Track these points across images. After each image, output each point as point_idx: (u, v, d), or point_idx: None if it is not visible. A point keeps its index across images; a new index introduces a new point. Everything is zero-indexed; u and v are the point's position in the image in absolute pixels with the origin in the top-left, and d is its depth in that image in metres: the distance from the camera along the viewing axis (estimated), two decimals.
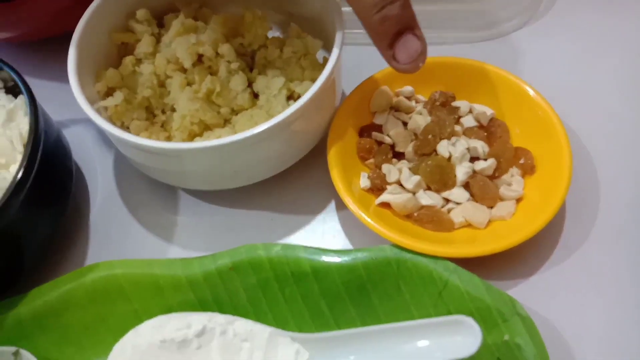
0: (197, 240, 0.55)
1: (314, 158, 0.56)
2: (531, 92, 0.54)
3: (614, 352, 0.46)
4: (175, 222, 0.57)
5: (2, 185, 0.48)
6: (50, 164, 0.52)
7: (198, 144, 0.46)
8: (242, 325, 0.46)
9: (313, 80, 0.50)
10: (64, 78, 0.51)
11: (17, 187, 0.46)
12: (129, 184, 0.60)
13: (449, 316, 0.40)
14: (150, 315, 0.47)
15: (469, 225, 0.50)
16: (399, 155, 0.54)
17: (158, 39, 0.57)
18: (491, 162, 0.51)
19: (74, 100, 0.50)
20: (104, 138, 0.63)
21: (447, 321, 0.40)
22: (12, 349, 0.46)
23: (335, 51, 0.49)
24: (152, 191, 0.59)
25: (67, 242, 0.56)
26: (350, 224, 0.54)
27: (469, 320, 0.39)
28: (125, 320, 0.48)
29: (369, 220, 0.48)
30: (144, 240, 0.56)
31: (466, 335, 0.39)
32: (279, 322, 0.47)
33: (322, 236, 0.54)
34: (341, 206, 0.55)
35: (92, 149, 0.63)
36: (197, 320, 0.46)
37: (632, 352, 0.45)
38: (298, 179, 0.57)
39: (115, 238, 0.56)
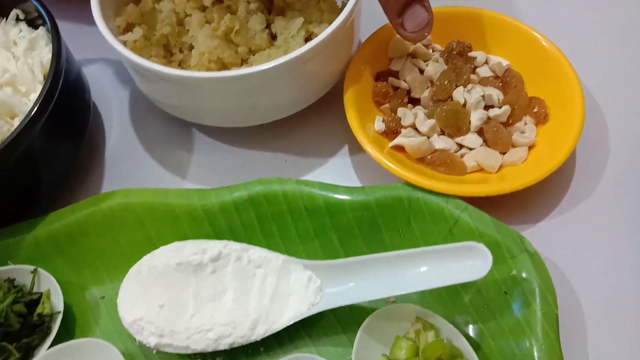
0: (211, 177, 0.56)
1: (329, 104, 0.57)
2: (546, 44, 0.54)
3: (616, 295, 0.47)
4: (190, 160, 0.58)
5: (23, 109, 0.49)
6: (69, 96, 0.52)
7: (218, 73, 0.47)
8: (256, 252, 0.47)
9: (331, 23, 0.50)
10: (81, 19, 0.51)
11: (36, 114, 0.47)
12: (144, 122, 0.61)
13: (459, 243, 0.41)
14: (165, 243, 0.48)
15: (480, 169, 0.51)
16: (414, 102, 0.55)
17: None
18: (505, 109, 0.51)
19: (90, 41, 0.50)
20: (120, 77, 0.64)
21: (458, 247, 0.41)
22: (31, 267, 0.48)
23: None
24: (167, 129, 0.59)
25: (83, 174, 0.57)
26: (362, 167, 0.55)
27: (480, 246, 0.40)
28: (140, 246, 0.49)
29: (383, 159, 0.48)
30: (158, 175, 0.57)
31: (476, 259, 0.40)
32: (291, 254, 0.48)
33: (334, 178, 0.55)
34: (354, 150, 0.56)
35: (109, 87, 0.63)
36: (213, 246, 0.47)
37: (634, 297, 0.47)
38: (312, 123, 0.58)
39: (130, 173, 0.57)
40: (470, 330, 0.45)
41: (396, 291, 0.42)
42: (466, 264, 0.40)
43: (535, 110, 0.52)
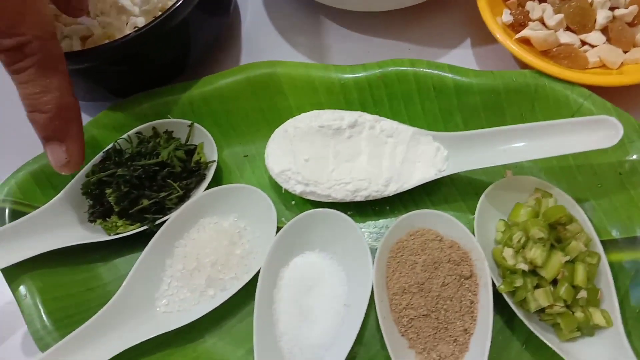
0: (337, 61, 0.61)
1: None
2: None
3: None
4: (317, 44, 0.62)
5: None
6: None
7: None
8: (387, 123, 0.52)
9: None
10: None
11: None
12: (274, 7, 0.65)
13: (589, 117, 0.45)
14: (304, 112, 0.53)
15: (602, 65, 0.53)
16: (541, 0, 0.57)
17: None
18: (632, 9, 0.53)
19: None
20: None
21: (587, 120, 0.45)
22: (188, 122, 0.54)
23: None
24: (296, 16, 0.64)
25: (222, 49, 0.62)
26: (484, 59, 0.59)
27: (611, 119, 0.44)
28: (281, 113, 0.55)
29: (512, 46, 0.52)
30: (289, 55, 0.62)
31: (608, 130, 0.44)
32: None
33: None
34: (476, 42, 0.59)
35: None
36: (349, 114, 0.52)
37: None
38: (436, 15, 0.61)
39: (264, 52, 0.62)
40: (584, 205, 0.49)
41: (521, 158, 0.46)
42: (596, 135, 0.44)
43: None
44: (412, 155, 0.51)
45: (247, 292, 0.46)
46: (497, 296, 0.44)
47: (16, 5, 0.37)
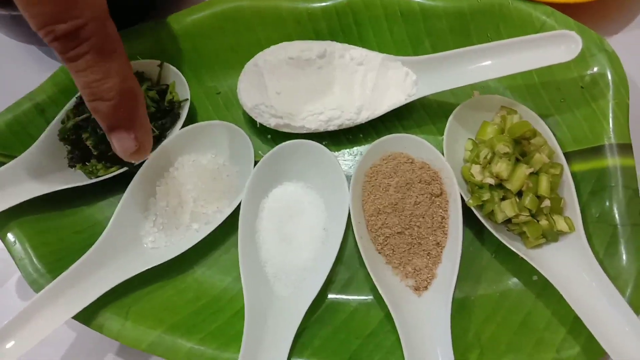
0: None
1: None
2: None
3: None
4: None
5: None
6: None
7: None
8: (357, 51, 0.52)
9: None
10: None
11: None
12: None
13: (549, 32, 0.46)
14: (273, 44, 0.54)
15: None
16: None
17: None
18: None
19: None
20: None
21: (547, 36, 0.46)
22: (157, 62, 0.54)
23: None
24: None
25: None
26: None
27: (570, 33, 0.45)
28: (250, 49, 0.55)
29: None
30: None
31: (568, 44, 0.45)
32: None
33: None
34: None
35: None
36: (318, 45, 0.52)
37: None
38: None
39: None
40: (548, 120, 0.51)
41: (488, 76, 0.48)
42: (557, 49, 0.45)
43: None
44: (382, 81, 0.52)
45: (230, 224, 0.48)
46: (467, 211, 0.46)
47: None
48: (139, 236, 0.49)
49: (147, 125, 0.40)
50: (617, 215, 0.46)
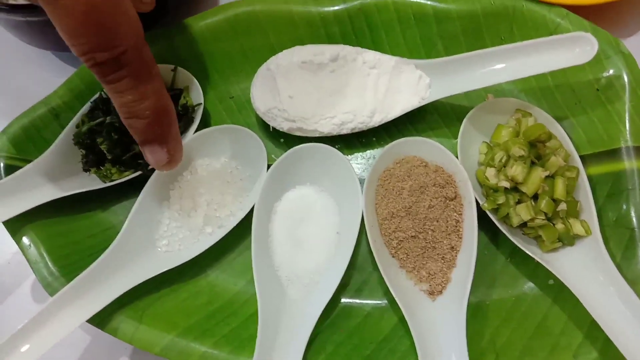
0: None
1: None
2: None
3: None
4: None
5: None
6: None
7: None
8: (369, 55, 0.52)
9: None
10: None
11: None
12: None
13: (564, 34, 0.46)
14: (286, 49, 0.54)
15: None
16: None
17: None
18: None
19: None
20: None
21: (563, 38, 0.45)
22: (171, 66, 0.54)
23: None
24: None
25: None
26: None
27: (586, 34, 0.44)
28: (263, 52, 0.55)
29: None
30: None
31: (584, 46, 0.44)
32: None
33: None
34: None
35: None
36: (331, 48, 0.52)
37: None
38: None
39: None
40: (563, 123, 0.50)
41: (501, 79, 0.47)
42: (572, 52, 0.45)
43: None
44: (395, 85, 0.51)
45: (243, 228, 0.48)
46: (482, 215, 0.46)
47: (112, 17, 0.34)
48: (153, 240, 0.49)
49: (178, 138, 0.42)
50: (634, 219, 0.45)
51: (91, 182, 0.52)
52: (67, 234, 0.51)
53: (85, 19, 0.33)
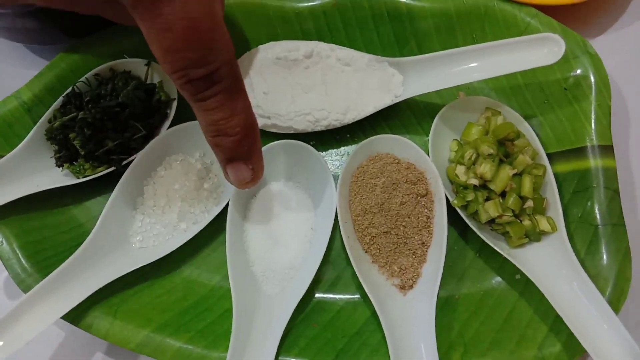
0: None
1: None
2: None
3: None
4: None
5: None
6: None
7: None
8: (343, 52, 0.52)
9: None
10: None
11: None
12: None
13: (533, 35, 0.47)
14: (260, 44, 0.54)
15: None
16: None
17: None
18: None
19: None
20: None
21: (532, 38, 0.46)
22: (144, 60, 0.54)
23: None
24: None
25: None
26: None
27: (554, 35, 0.45)
28: (237, 48, 0.53)
29: None
30: None
31: (552, 47, 0.45)
32: None
33: None
34: None
35: None
36: (305, 44, 0.52)
37: None
38: None
39: None
40: (531, 121, 0.51)
41: (473, 77, 0.48)
42: (541, 52, 0.46)
43: None
44: (368, 82, 0.52)
45: (218, 224, 0.49)
46: (452, 211, 0.47)
47: (208, 33, 0.33)
48: (127, 236, 0.50)
49: (261, 155, 0.41)
50: (598, 216, 0.47)
51: (64, 178, 0.51)
52: (40, 230, 0.51)
53: (185, 34, 0.32)
